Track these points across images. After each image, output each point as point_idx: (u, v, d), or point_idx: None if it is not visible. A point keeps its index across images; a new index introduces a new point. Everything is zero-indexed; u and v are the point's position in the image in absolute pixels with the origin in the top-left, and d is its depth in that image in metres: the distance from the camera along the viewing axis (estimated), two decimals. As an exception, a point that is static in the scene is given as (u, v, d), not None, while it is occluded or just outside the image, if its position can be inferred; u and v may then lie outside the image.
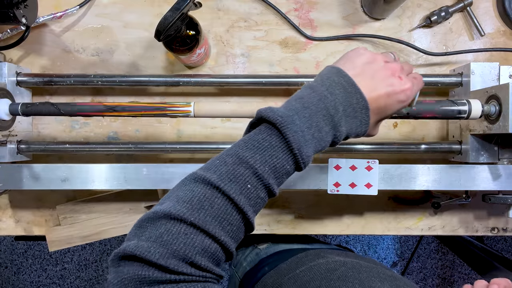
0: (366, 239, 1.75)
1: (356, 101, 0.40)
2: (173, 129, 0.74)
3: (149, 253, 0.31)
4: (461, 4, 0.71)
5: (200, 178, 0.35)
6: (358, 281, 0.47)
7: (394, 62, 0.44)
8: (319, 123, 0.38)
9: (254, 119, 0.39)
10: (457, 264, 1.75)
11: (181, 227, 0.33)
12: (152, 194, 0.72)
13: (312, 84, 0.41)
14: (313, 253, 0.63)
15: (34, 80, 0.68)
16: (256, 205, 0.37)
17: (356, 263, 0.53)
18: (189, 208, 0.33)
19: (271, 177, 0.36)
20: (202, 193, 0.34)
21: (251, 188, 0.35)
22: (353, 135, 0.42)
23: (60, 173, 0.64)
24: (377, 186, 0.61)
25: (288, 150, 0.37)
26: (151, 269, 0.31)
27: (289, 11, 0.73)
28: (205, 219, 0.33)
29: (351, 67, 0.42)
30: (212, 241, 0.33)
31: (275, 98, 0.74)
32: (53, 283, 1.80)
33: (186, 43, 0.61)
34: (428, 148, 0.67)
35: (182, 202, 0.34)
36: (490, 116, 0.58)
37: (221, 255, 0.35)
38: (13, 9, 0.57)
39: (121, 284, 0.31)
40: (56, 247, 0.72)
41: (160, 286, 0.30)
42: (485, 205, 0.73)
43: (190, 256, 0.32)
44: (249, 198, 0.36)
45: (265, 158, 0.36)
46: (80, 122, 0.74)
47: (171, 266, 0.31)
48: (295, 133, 0.36)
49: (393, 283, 0.48)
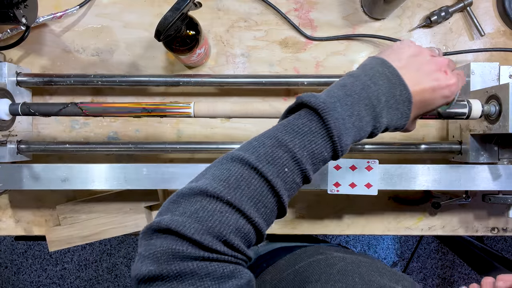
0: (366, 239, 1.75)
1: (400, 93, 0.40)
2: (173, 129, 0.74)
3: (184, 228, 0.30)
4: (461, 4, 0.71)
5: (237, 158, 0.35)
6: (358, 275, 0.47)
7: (440, 57, 0.43)
8: (360, 112, 0.38)
9: (293, 104, 0.39)
10: (457, 264, 1.75)
11: (217, 204, 0.32)
12: (152, 194, 0.72)
13: (354, 73, 0.40)
14: (312, 249, 0.63)
15: (34, 80, 0.68)
16: (291, 190, 0.36)
17: (355, 258, 0.53)
18: (226, 187, 0.33)
19: (308, 163, 0.36)
20: (240, 173, 0.34)
21: (288, 172, 0.35)
22: (392, 127, 0.41)
23: (60, 173, 0.64)
24: (377, 186, 0.61)
25: (328, 137, 0.36)
26: (185, 244, 0.30)
27: (289, 11, 0.73)
28: (241, 199, 0.33)
29: (396, 58, 0.41)
30: (246, 222, 0.33)
31: (275, 98, 0.74)
32: (53, 283, 1.80)
33: (186, 43, 0.61)
34: (428, 148, 0.67)
35: (219, 180, 0.34)
36: (490, 116, 0.58)
37: (253, 236, 0.34)
38: (13, 9, 0.57)
39: (153, 257, 0.30)
40: (56, 247, 0.72)
41: (193, 263, 0.30)
42: (485, 205, 0.73)
43: (225, 235, 0.31)
44: (285, 181, 0.35)
45: (304, 143, 0.36)
46: (80, 122, 0.74)
47: (205, 242, 0.30)
48: (336, 120, 0.36)
49: (392, 277, 0.48)
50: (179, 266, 0.29)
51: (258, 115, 0.58)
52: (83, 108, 0.58)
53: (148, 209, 0.74)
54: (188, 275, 0.29)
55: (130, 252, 1.78)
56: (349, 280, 0.46)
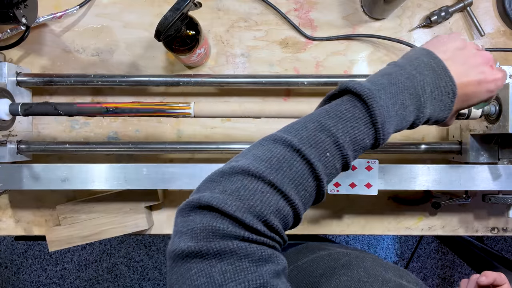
0: (366, 239, 1.75)
1: (445, 85, 0.39)
2: (173, 129, 0.74)
3: (226, 205, 0.30)
4: (461, 4, 0.71)
5: (280, 139, 0.34)
6: (363, 269, 0.47)
7: (485, 51, 0.43)
8: (405, 101, 0.37)
9: (336, 90, 0.38)
10: (457, 264, 1.75)
11: (258, 184, 0.32)
12: (152, 194, 0.72)
13: (399, 62, 0.40)
14: (314, 245, 0.63)
15: (34, 80, 0.68)
16: (330, 175, 0.36)
17: (359, 254, 0.53)
18: (268, 167, 0.32)
19: (350, 149, 0.35)
20: (282, 154, 0.33)
21: (329, 157, 0.35)
22: (434, 119, 0.41)
23: (60, 173, 0.64)
24: (377, 186, 0.61)
25: (372, 124, 0.36)
26: (226, 221, 0.30)
27: (289, 11, 0.73)
28: (283, 180, 0.32)
29: (442, 50, 0.41)
30: (286, 204, 0.33)
31: (275, 98, 0.74)
32: (53, 283, 1.80)
33: (186, 43, 0.61)
34: (428, 148, 0.67)
35: (260, 160, 0.33)
36: (490, 116, 0.58)
37: (291, 219, 0.34)
38: (13, 9, 0.57)
39: (191, 233, 0.30)
40: (56, 247, 0.72)
41: (233, 242, 0.29)
42: (485, 205, 0.73)
43: (265, 215, 0.31)
44: (326, 166, 0.35)
45: (347, 128, 0.35)
46: (80, 122, 0.74)
47: (246, 220, 0.30)
48: (381, 107, 0.35)
49: (396, 272, 0.48)
50: (219, 244, 0.29)
51: (259, 115, 0.58)
52: (83, 109, 0.58)
53: (148, 209, 0.74)
54: (228, 254, 0.29)
55: (130, 252, 1.78)
56: (354, 274, 0.46)
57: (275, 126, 0.73)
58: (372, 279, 0.45)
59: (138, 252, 1.78)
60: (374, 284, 0.44)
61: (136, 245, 1.78)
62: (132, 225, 0.72)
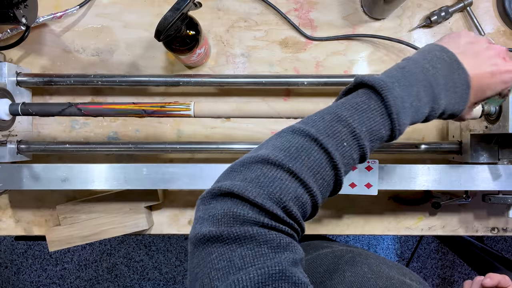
0: (366, 239, 1.75)
1: (458, 77, 0.40)
2: (173, 129, 0.74)
3: (247, 191, 0.31)
4: (461, 4, 0.71)
5: (298, 130, 0.35)
6: (367, 265, 0.47)
7: (497, 45, 0.44)
8: (419, 93, 0.38)
9: (351, 85, 0.39)
10: (457, 264, 1.75)
11: (277, 172, 0.32)
12: (152, 194, 0.72)
13: (412, 57, 0.41)
14: (316, 243, 0.63)
15: (34, 80, 0.68)
16: (347, 165, 0.36)
17: (362, 251, 0.53)
18: (287, 156, 0.33)
19: (366, 139, 0.36)
20: (300, 144, 0.34)
21: (346, 147, 0.35)
22: (449, 112, 0.41)
23: (60, 173, 0.64)
24: (377, 186, 0.61)
25: (387, 114, 0.36)
26: (247, 207, 0.31)
27: (289, 11, 0.73)
28: (302, 168, 0.33)
29: (454, 46, 0.42)
30: (304, 191, 0.33)
31: (275, 98, 0.74)
32: (53, 283, 1.80)
33: (186, 43, 0.61)
34: (428, 148, 0.67)
35: (279, 150, 0.34)
36: (490, 116, 0.58)
37: (309, 208, 0.34)
38: (13, 9, 0.57)
39: (212, 219, 0.31)
40: (56, 247, 0.72)
41: (253, 228, 0.30)
42: (485, 205, 0.73)
43: (285, 201, 0.31)
44: (343, 156, 0.35)
45: (363, 119, 0.36)
46: (80, 122, 0.74)
47: (266, 206, 0.30)
48: (396, 98, 0.36)
49: (399, 270, 0.48)
50: (239, 229, 0.30)
51: (258, 115, 0.58)
52: (83, 109, 0.58)
53: (148, 209, 0.74)
54: (248, 239, 0.29)
55: (130, 252, 1.78)
56: (357, 270, 0.46)
57: (275, 126, 0.74)
58: (376, 276, 0.45)
59: (138, 252, 1.78)
60: (378, 281, 0.44)
61: (136, 245, 1.78)
62: (132, 225, 0.72)
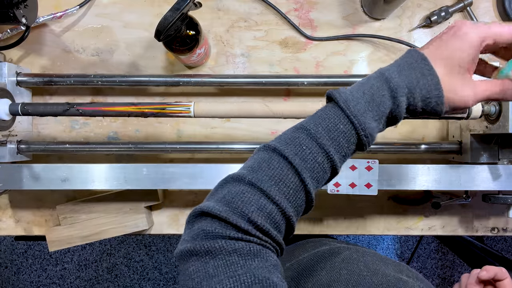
0: (366, 239, 1.75)
1: (411, 56, 0.38)
2: (173, 129, 0.74)
3: (215, 209, 0.33)
4: (461, 4, 0.71)
5: (263, 146, 0.38)
6: (363, 263, 0.47)
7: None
8: (369, 81, 0.38)
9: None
10: (457, 264, 1.75)
11: (240, 187, 0.35)
12: (152, 194, 0.72)
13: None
14: (315, 241, 0.63)
15: (34, 80, 0.68)
16: (314, 171, 0.36)
17: (359, 248, 0.53)
18: (249, 170, 0.36)
19: (325, 138, 0.36)
20: (262, 157, 0.36)
21: (306, 150, 0.36)
22: (425, 92, 0.37)
23: (60, 173, 0.64)
24: (377, 186, 0.61)
25: (338, 107, 0.37)
26: (216, 223, 0.33)
27: (289, 11, 0.73)
28: (262, 178, 0.35)
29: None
30: (268, 201, 0.34)
31: (275, 98, 0.74)
32: (53, 283, 1.80)
33: (186, 43, 0.61)
34: (428, 148, 0.67)
35: (245, 167, 0.37)
36: (490, 116, 0.58)
37: (280, 218, 0.35)
38: (13, 9, 0.57)
39: (191, 238, 0.33)
40: (56, 247, 0.72)
41: (222, 241, 0.32)
42: (485, 205, 0.73)
43: (248, 213, 0.33)
44: (305, 160, 0.36)
45: (318, 120, 0.37)
46: (80, 122, 0.74)
47: (231, 220, 0.32)
48: (343, 93, 0.37)
49: (396, 267, 0.48)
50: (210, 243, 0.32)
51: (258, 115, 0.58)
52: (82, 111, 0.58)
53: (148, 209, 0.74)
54: (218, 251, 0.32)
55: (130, 252, 1.78)
56: (354, 268, 0.46)
57: (275, 126, 0.74)
58: (372, 273, 0.45)
59: (138, 252, 1.78)
60: (373, 278, 0.44)
61: (136, 245, 1.78)
62: (132, 225, 0.72)
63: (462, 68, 0.38)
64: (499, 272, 0.51)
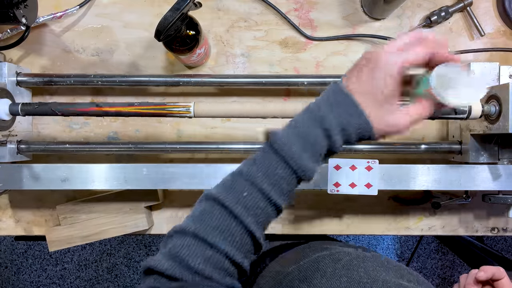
0: (366, 239, 1.75)
1: (338, 93, 0.39)
2: (173, 129, 0.74)
3: (160, 264, 0.34)
4: (461, 4, 0.71)
5: (204, 195, 0.38)
6: (363, 269, 0.47)
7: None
8: (303, 121, 0.38)
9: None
10: (457, 264, 1.75)
11: (185, 239, 0.35)
12: (152, 194, 0.72)
13: None
14: (316, 245, 0.63)
15: (34, 80, 0.68)
16: (257, 216, 0.37)
17: (360, 253, 0.53)
18: (193, 221, 0.36)
19: (265, 183, 0.37)
20: (203, 207, 0.37)
21: (247, 196, 0.36)
22: (356, 127, 0.38)
23: (60, 173, 0.64)
24: (377, 186, 0.61)
25: (271, 148, 0.37)
26: (162, 279, 0.34)
27: (289, 11, 0.73)
28: (206, 229, 0.35)
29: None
30: (214, 251, 0.35)
31: (275, 98, 0.74)
32: (53, 283, 1.80)
33: (186, 43, 0.61)
34: (428, 148, 0.67)
35: (189, 217, 0.37)
36: (490, 116, 0.58)
37: (229, 266, 0.36)
38: (13, 9, 0.57)
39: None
40: (56, 247, 0.72)
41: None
42: (485, 205, 0.73)
43: (194, 266, 0.34)
44: (247, 207, 0.36)
45: (257, 165, 0.38)
46: (80, 122, 0.74)
47: (177, 275, 0.33)
48: (279, 139, 0.38)
49: (397, 272, 0.48)
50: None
51: (258, 115, 0.58)
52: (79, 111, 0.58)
53: (148, 209, 0.74)
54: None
55: (130, 252, 1.78)
56: (354, 275, 0.46)
57: (275, 126, 0.73)
58: (372, 280, 0.45)
59: (138, 252, 1.78)
60: (373, 285, 0.44)
61: (136, 245, 1.78)
62: (132, 225, 0.72)
63: (388, 97, 0.38)
64: (496, 272, 0.51)
